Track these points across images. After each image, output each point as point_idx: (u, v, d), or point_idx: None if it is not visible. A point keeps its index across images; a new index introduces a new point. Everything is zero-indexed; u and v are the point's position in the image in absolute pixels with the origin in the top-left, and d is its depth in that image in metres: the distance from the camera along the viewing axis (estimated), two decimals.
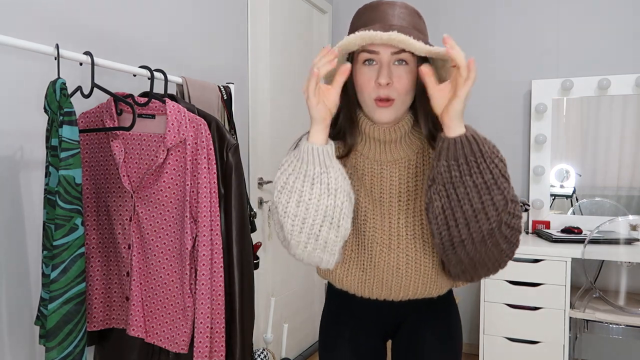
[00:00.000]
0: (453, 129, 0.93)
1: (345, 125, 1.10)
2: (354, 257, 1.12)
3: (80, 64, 1.47)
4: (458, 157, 0.92)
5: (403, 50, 0.98)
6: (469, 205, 0.93)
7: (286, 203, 0.99)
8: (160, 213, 1.40)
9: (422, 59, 1.02)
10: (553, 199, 2.88)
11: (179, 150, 1.38)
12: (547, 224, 2.85)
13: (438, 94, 0.94)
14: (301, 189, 0.98)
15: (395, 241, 1.09)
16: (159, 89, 1.80)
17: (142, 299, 1.43)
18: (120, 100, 1.33)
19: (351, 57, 1.06)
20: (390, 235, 1.09)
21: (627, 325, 2.32)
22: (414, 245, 1.08)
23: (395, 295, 1.12)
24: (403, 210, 1.09)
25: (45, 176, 1.25)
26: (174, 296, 1.41)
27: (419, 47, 0.93)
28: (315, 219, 0.99)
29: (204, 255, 1.37)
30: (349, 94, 1.08)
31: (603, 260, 2.52)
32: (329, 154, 0.99)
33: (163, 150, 1.35)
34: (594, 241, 2.40)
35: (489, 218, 0.93)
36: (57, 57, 1.20)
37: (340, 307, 1.24)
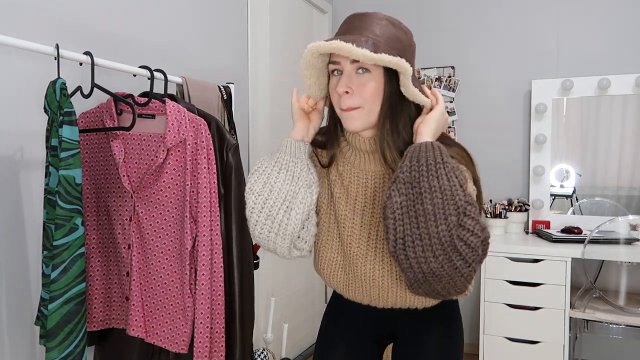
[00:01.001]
0: (424, 136, 1.01)
1: (328, 135, 1.15)
2: (339, 261, 1.14)
3: (80, 64, 1.47)
4: (420, 158, 0.97)
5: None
6: (421, 205, 0.95)
7: (254, 182, 1.10)
8: (160, 213, 1.40)
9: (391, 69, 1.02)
10: (553, 199, 2.88)
11: (179, 150, 1.38)
12: (547, 224, 2.85)
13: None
14: (269, 172, 1.10)
15: (372, 253, 1.09)
16: (159, 89, 1.80)
17: (142, 299, 1.43)
18: (120, 100, 1.33)
19: None
20: (368, 246, 1.10)
21: (627, 325, 2.32)
22: (390, 257, 1.08)
23: (376, 303, 1.13)
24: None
25: (45, 176, 1.25)
26: (174, 296, 1.40)
27: (361, 54, 0.95)
28: (275, 201, 1.08)
29: (204, 255, 1.37)
30: (332, 107, 1.11)
31: (603, 260, 2.52)
32: (301, 148, 1.10)
33: (163, 150, 1.35)
34: (594, 241, 2.40)
35: (436, 222, 0.93)
36: (57, 57, 1.20)
37: (337, 305, 1.26)
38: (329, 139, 1.15)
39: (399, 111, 1.05)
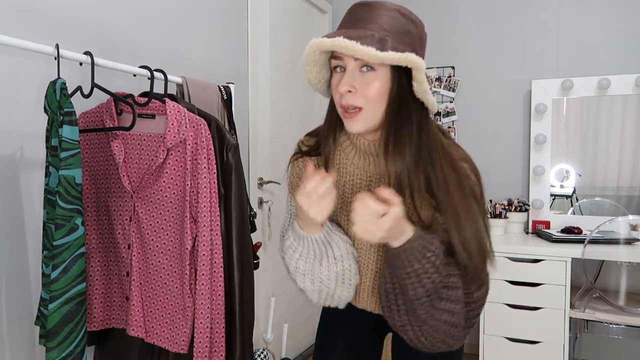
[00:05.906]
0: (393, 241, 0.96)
1: (325, 134, 1.05)
2: None
3: (80, 64, 1.47)
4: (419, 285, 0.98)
5: None
6: (436, 319, 1.01)
7: (302, 283, 1.08)
8: (160, 213, 1.40)
9: (399, 66, 0.93)
10: (553, 199, 2.88)
11: (179, 150, 1.38)
12: (547, 224, 2.85)
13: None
14: (312, 269, 1.05)
15: (373, 263, 1.09)
16: (159, 89, 1.79)
17: (142, 299, 1.43)
18: (120, 100, 1.33)
19: None
20: (378, 258, 1.08)
21: (627, 325, 2.32)
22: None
23: (379, 311, 1.13)
24: None
25: (45, 176, 1.25)
26: (174, 296, 1.40)
27: (366, 53, 0.87)
28: (329, 286, 1.06)
29: (204, 255, 1.36)
30: (333, 103, 1.03)
31: (603, 260, 2.52)
32: (328, 231, 1.03)
33: (163, 150, 1.35)
34: (594, 241, 2.40)
35: (454, 327, 1.03)
36: (57, 57, 1.20)
37: (333, 309, 1.26)
38: (326, 139, 1.05)
39: (407, 113, 0.95)
